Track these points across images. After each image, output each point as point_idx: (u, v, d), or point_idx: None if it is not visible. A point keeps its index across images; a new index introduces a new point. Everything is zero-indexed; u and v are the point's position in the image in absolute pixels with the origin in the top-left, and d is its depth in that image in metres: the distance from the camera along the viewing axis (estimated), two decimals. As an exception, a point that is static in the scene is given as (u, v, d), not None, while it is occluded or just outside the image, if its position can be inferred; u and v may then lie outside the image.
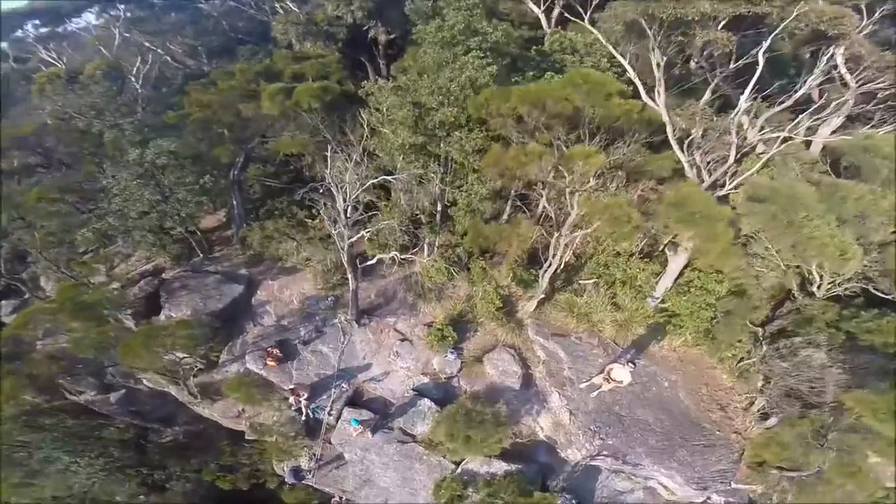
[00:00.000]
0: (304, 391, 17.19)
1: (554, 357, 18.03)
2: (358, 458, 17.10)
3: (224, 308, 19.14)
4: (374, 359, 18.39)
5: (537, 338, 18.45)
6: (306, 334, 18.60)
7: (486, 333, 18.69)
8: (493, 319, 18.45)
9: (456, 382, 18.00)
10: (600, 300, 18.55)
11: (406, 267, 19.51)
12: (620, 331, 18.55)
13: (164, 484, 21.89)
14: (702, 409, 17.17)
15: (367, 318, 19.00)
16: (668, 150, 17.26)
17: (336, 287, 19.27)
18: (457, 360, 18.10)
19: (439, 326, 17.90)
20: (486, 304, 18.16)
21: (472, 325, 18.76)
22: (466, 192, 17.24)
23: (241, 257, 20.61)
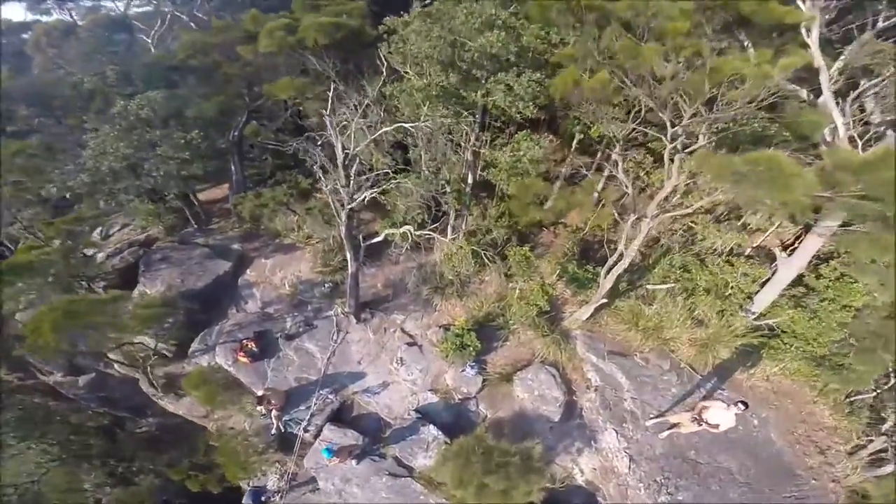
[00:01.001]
0: (276, 400, 13.04)
1: (611, 382, 13.09)
2: (335, 489, 12.53)
3: (205, 287, 15.48)
4: (371, 365, 13.99)
5: (589, 355, 13.44)
6: (292, 326, 14.52)
7: (520, 345, 13.86)
8: (531, 327, 13.61)
9: (473, 405, 13.27)
10: (676, 312, 13.43)
11: (423, 253, 15.25)
12: (700, 353, 13.34)
13: (132, 478, 18.68)
14: (797, 452, 12.37)
15: (370, 312, 14.67)
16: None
17: (336, 271, 15.13)
18: (477, 376, 13.36)
19: (459, 331, 13.26)
20: (525, 306, 13.41)
21: (501, 333, 13.97)
22: (513, 149, 12.67)
23: (236, 230, 17.00)
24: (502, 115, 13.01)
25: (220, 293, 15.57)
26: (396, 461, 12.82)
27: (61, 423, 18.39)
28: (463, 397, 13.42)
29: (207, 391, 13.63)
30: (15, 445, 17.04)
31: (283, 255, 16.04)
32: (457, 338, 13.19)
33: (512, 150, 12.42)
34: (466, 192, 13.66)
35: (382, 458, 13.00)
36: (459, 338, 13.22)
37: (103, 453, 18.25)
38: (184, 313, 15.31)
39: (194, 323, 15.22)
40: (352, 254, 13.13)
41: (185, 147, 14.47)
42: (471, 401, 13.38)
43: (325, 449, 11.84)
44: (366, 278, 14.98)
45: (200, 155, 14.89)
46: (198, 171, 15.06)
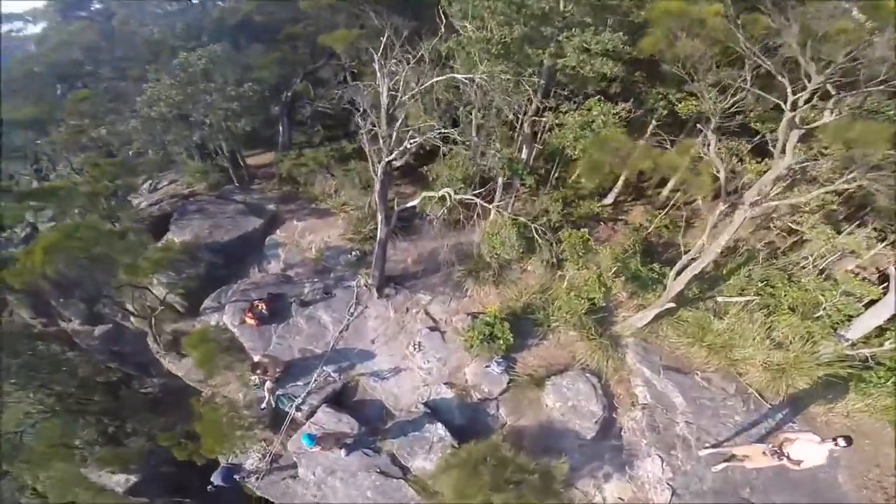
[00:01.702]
0: (273, 369, 11.41)
1: (663, 401, 10.72)
2: (314, 480, 10.60)
3: (231, 241, 14.36)
4: (385, 346, 12.11)
5: (641, 368, 11.08)
6: (310, 293, 12.95)
7: (559, 345, 11.62)
8: (575, 326, 11.41)
9: (492, 408, 11.06)
10: (752, 330, 10.94)
11: (462, 231, 13.79)
12: (774, 379, 10.76)
13: (123, 439, 17.48)
14: (864, 497, 9.95)
15: (394, 287, 12.90)
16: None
17: (366, 240, 13.58)
18: (503, 374, 11.21)
19: (489, 320, 11.24)
20: (574, 300, 11.24)
21: (539, 330, 11.79)
22: (587, 110, 10.80)
23: (274, 192, 15.99)
24: (572, 80, 11.56)
25: (246, 250, 14.39)
26: (391, 458, 10.72)
27: (68, 374, 17.71)
28: (482, 397, 11.25)
29: (204, 352, 12.23)
30: (12, 393, 16.43)
31: (315, 219, 14.75)
32: (486, 327, 11.11)
33: (581, 114, 10.78)
34: (520, 162, 11.96)
35: (376, 452, 10.94)
36: (489, 327, 11.13)
37: (101, 410, 17.23)
38: (205, 267, 14.37)
39: (214, 278, 14.07)
40: (383, 217, 11.62)
41: (236, 98, 14.01)
42: (490, 402, 11.17)
43: (306, 435, 9.93)
44: (396, 252, 13.36)
45: (250, 110, 14.40)
46: (246, 127, 14.50)
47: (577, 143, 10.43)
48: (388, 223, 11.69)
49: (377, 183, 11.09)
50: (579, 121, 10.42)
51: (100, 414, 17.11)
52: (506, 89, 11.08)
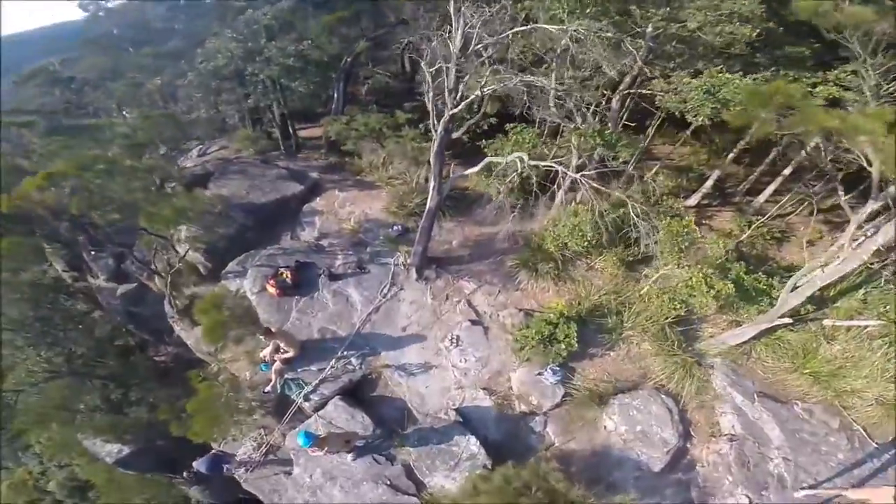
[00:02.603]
0: (287, 346, 9.49)
1: (755, 433, 8.32)
2: (309, 484, 8.47)
3: (267, 204, 12.80)
4: (418, 336, 10.01)
5: (732, 393, 8.65)
6: (341, 266, 11.03)
7: (628, 358, 9.20)
8: (655, 337, 9.05)
9: (539, 424, 8.71)
10: (868, 360, 8.51)
11: (521, 217, 11.46)
12: (886, 416, 8.21)
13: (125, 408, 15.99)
14: None
15: (435, 270, 10.78)
16: None
17: (411, 216, 11.72)
18: (558, 386, 8.85)
19: (553, 316, 8.92)
20: (666, 304, 8.94)
21: (606, 337, 9.38)
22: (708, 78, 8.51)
23: (320, 161, 14.45)
24: (686, 47, 9.50)
25: (281, 215, 12.75)
26: (406, 470, 8.46)
27: (84, 332, 16.60)
28: (528, 410, 8.87)
29: (214, 320, 10.63)
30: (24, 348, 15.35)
31: (358, 190, 13.02)
32: (547, 326, 8.79)
33: (711, 75, 8.52)
34: (612, 134, 9.80)
35: (389, 460, 8.69)
36: (551, 327, 8.81)
37: (108, 375, 15.87)
38: (235, 228, 12.92)
39: (242, 242, 12.40)
40: (436, 184, 9.71)
41: (295, 55, 12.85)
42: (537, 417, 8.79)
43: (303, 433, 7.76)
44: (440, 232, 11.35)
45: (308, 71, 13.20)
46: (300, 87, 13.29)
47: (701, 109, 8.24)
48: (441, 192, 9.79)
49: (435, 141, 9.32)
50: (709, 82, 8.30)
51: (106, 379, 15.74)
52: (605, 49, 9.18)
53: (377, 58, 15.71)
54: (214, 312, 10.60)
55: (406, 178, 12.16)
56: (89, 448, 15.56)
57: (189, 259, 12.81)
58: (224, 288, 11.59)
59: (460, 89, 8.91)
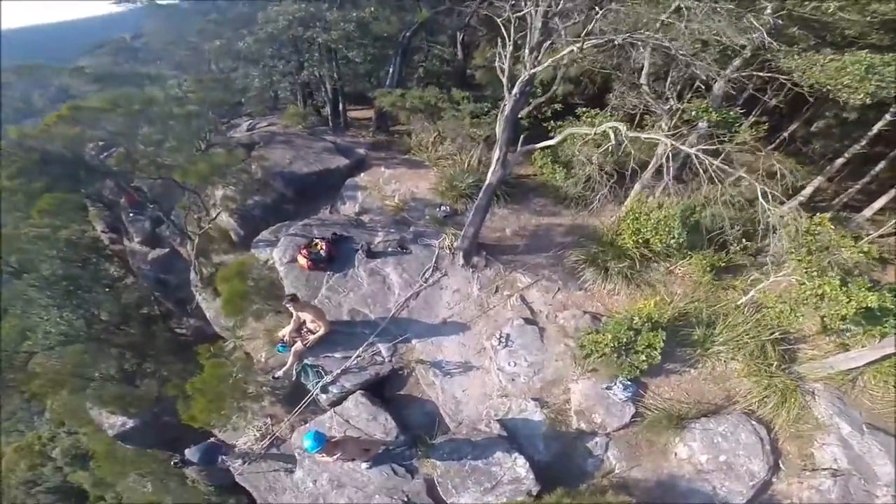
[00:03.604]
0: (315, 323, 7.96)
1: (863, 469, 6.49)
2: (312, 491, 6.94)
3: (310, 174, 11.50)
4: (459, 330, 8.31)
5: (838, 422, 6.80)
6: (381, 243, 9.50)
7: (711, 378, 7.32)
8: (751, 356, 7.15)
9: (599, 447, 6.91)
10: None
11: (591, 211, 9.58)
12: None
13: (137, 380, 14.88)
14: None
15: (486, 258, 9.05)
16: None
17: (461, 198, 10.13)
18: (628, 403, 7.05)
19: (637, 321, 7.09)
20: (778, 314, 6.98)
21: (689, 351, 7.50)
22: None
23: (367, 138, 13.16)
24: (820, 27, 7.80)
25: (322, 188, 11.40)
26: (428, 487, 6.79)
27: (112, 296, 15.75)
28: (588, 429, 7.00)
29: (235, 289, 9.30)
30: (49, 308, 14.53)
31: (406, 168, 11.56)
32: (627, 332, 6.96)
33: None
34: (729, 110, 8.00)
35: (409, 473, 7.01)
36: (632, 333, 6.99)
37: (127, 344, 14.89)
38: (273, 197, 11.76)
39: (278, 211, 11.05)
40: (502, 154, 8.04)
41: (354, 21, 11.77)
42: (597, 438, 6.96)
43: (311, 434, 5.99)
44: (493, 218, 9.72)
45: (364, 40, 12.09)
46: (357, 58, 12.21)
47: (861, 85, 6.48)
48: (506, 165, 8.27)
49: (508, 104, 7.86)
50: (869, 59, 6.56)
51: (124, 348, 14.76)
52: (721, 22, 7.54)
53: (433, 40, 14.63)
54: (237, 281, 9.31)
55: (457, 159, 10.71)
56: (95, 418, 14.55)
57: (222, 224, 11.68)
58: (252, 257, 10.34)
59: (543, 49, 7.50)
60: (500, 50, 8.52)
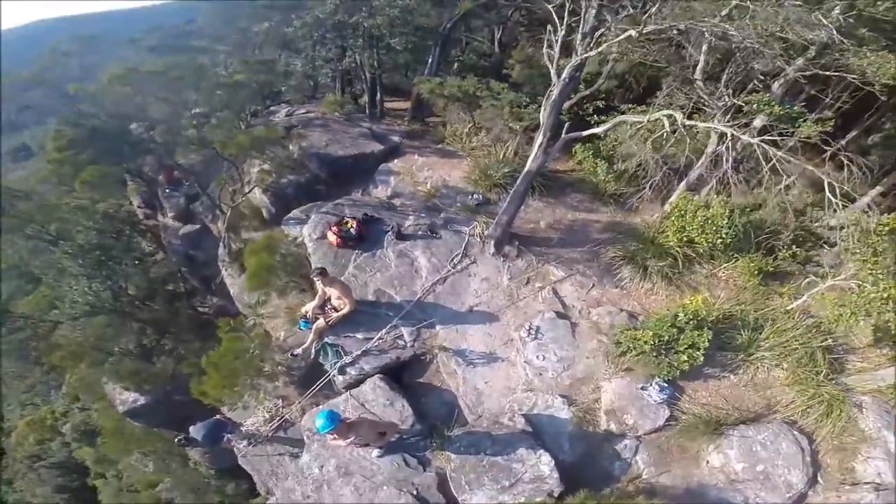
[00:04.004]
0: (340, 299, 7.61)
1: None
2: (317, 477, 6.55)
3: (344, 157, 11.33)
4: (487, 319, 7.90)
5: (886, 436, 6.10)
6: (412, 227, 9.15)
7: (752, 384, 6.77)
8: (798, 363, 6.56)
9: (628, 449, 6.39)
10: None
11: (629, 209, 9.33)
12: None
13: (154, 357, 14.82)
14: None
15: (518, 248, 8.60)
16: None
17: (494, 188, 9.75)
18: (663, 406, 6.48)
19: (683, 316, 6.54)
20: (838, 318, 6.25)
21: (731, 356, 6.91)
22: None
23: (402, 127, 12.95)
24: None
25: (355, 171, 11.23)
26: (439, 481, 6.31)
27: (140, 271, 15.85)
28: (618, 430, 6.46)
29: (262, 262, 9.10)
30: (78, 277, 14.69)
31: (439, 157, 11.27)
32: (670, 329, 6.43)
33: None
34: (792, 105, 7.38)
35: (422, 465, 6.56)
36: (675, 331, 6.44)
37: (149, 319, 14.86)
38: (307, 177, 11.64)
39: (311, 192, 10.90)
40: (545, 139, 7.65)
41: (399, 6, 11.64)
42: (627, 441, 6.44)
43: (324, 413, 5.65)
44: (526, 209, 9.29)
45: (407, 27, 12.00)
46: (398, 46, 12.14)
47: None
48: (548, 152, 7.92)
49: (556, 88, 7.53)
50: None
51: (146, 323, 14.77)
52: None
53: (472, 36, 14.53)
54: (264, 254, 9.14)
55: (492, 151, 10.39)
56: (108, 393, 14.55)
57: (255, 202, 11.63)
58: (281, 233, 10.19)
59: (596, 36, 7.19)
60: (549, 37, 8.27)
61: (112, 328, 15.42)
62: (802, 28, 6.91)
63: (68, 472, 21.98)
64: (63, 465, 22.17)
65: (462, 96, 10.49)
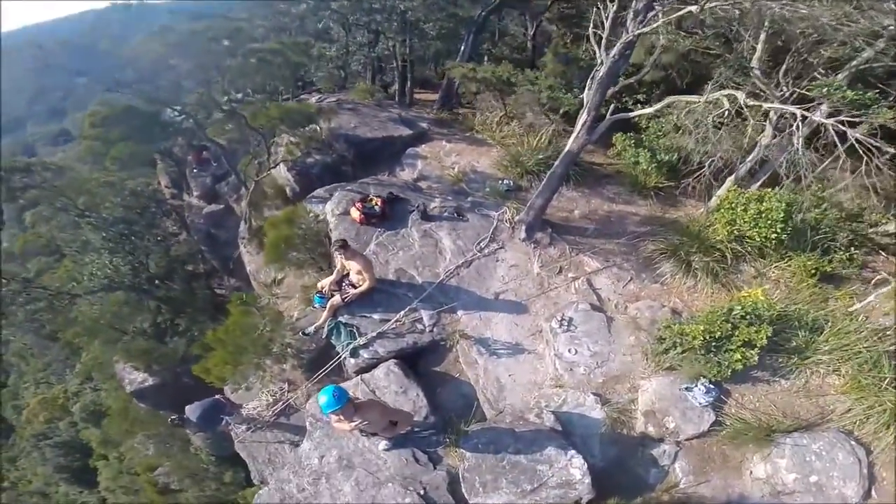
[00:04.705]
0: (361, 274, 7.04)
1: None
2: (314, 469, 5.84)
3: (372, 139, 10.91)
4: (513, 308, 7.20)
5: None
6: (437, 207, 8.62)
7: (804, 391, 5.81)
8: (859, 370, 5.58)
9: (666, 456, 5.53)
10: None
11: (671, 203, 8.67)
12: None
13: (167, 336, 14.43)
14: None
15: (551, 235, 7.92)
16: None
17: (526, 175, 9.08)
18: (708, 409, 5.61)
19: (737, 314, 5.67)
20: None
21: (784, 359, 5.95)
22: None
23: (431, 115, 12.36)
24: None
25: (382, 154, 10.77)
26: (449, 480, 5.56)
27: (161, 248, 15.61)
28: (657, 434, 5.66)
29: (281, 234, 8.56)
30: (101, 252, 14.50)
31: (468, 144, 10.68)
32: (723, 324, 5.61)
33: None
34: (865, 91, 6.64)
35: (432, 461, 5.82)
36: (727, 326, 5.60)
37: (165, 298, 14.55)
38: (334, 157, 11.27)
39: (337, 172, 10.43)
40: (589, 117, 6.96)
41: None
42: (665, 446, 5.63)
43: (329, 389, 4.90)
44: (560, 198, 8.59)
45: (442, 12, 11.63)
46: (432, 31, 11.79)
47: None
48: (591, 133, 7.31)
49: (604, 65, 6.94)
50: None
51: (162, 302, 14.45)
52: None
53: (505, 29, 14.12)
54: (284, 227, 8.71)
55: (524, 139, 9.80)
56: (118, 372, 14.19)
57: (279, 180, 11.24)
58: (303, 208, 9.73)
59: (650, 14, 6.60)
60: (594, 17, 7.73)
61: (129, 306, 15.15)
62: (876, 14, 6.24)
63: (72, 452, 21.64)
64: (68, 445, 21.85)
65: (495, 82, 9.96)
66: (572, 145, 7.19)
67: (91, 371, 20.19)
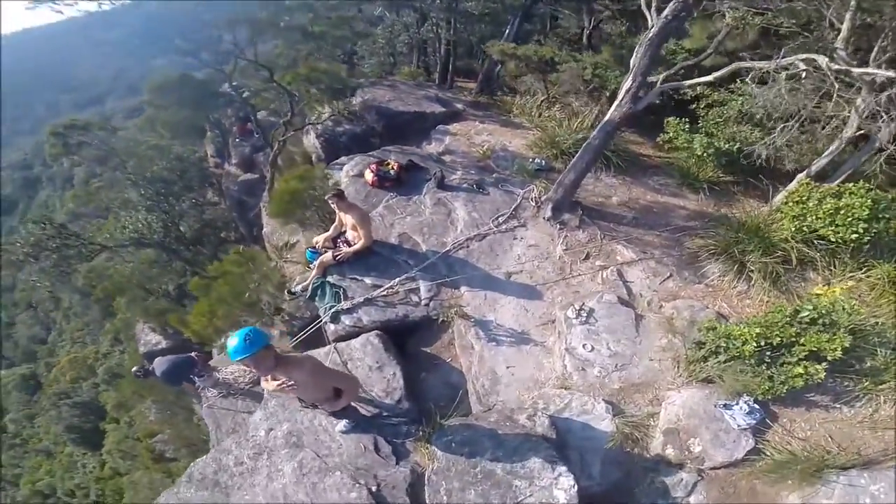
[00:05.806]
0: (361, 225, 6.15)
1: None
2: (259, 443, 4.77)
3: (403, 112, 10.24)
4: (526, 292, 6.04)
5: None
6: (460, 180, 7.64)
7: (868, 421, 4.29)
8: None
9: (683, 486, 4.11)
10: None
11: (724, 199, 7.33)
12: None
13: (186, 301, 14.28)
14: None
15: (581, 218, 6.76)
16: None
17: (562, 156, 7.94)
18: (746, 433, 4.20)
19: (801, 319, 4.35)
20: None
21: (851, 382, 4.48)
22: None
23: (468, 97, 11.55)
24: None
25: (413, 128, 10.02)
26: (412, 481, 4.35)
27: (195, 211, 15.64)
28: (677, 459, 4.27)
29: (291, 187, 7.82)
30: (138, 206, 14.62)
31: (501, 126, 9.73)
32: (785, 328, 4.33)
33: None
34: None
35: (395, 456, 4.60)
36: (791, 331, 4.33)
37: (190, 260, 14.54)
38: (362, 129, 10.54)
39: (364, 142, 9.73)
40: (635, 83, 5.83)
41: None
42: (684, 473, 4.24)
43: (242, 331, 3.36)
44: (597, 184, 7.49)
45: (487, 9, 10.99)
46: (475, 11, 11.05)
47: None
48: (636, 101, 6.22)
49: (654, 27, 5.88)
50: None
51: (187, 263, 14.42)
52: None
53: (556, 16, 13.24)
54: (295, 181, 8.14)
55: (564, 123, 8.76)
56: (137, 333, 14.12)
57: (307, 146, 10.82)
58: (321, 168, 9.18)
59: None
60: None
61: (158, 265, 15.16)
62: None
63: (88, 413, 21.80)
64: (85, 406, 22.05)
65: (537, 61, 9.03)
66: (613, 114, 6.08)
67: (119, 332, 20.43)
